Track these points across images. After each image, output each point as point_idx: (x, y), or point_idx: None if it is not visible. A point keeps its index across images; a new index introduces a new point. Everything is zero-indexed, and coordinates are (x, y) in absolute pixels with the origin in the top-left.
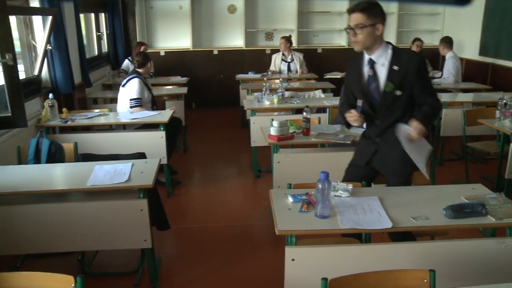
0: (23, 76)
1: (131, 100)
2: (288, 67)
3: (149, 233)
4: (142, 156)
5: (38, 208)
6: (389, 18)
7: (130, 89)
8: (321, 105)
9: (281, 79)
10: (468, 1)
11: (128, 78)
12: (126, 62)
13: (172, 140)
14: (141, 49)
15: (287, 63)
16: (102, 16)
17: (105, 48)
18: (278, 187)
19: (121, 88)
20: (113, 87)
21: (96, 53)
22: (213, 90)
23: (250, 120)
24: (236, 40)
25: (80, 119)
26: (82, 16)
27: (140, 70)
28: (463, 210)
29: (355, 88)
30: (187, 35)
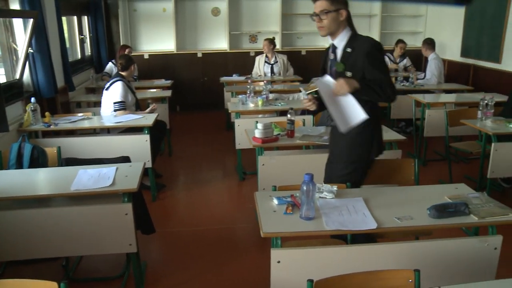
0: (4, 80)
1: (114, 103)
2: (271, 69)
3: (134, 237)
4: (126, 160)
5: (21, 214)
6: (372, 20)
7: (113, 92)
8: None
9: (265, 81)
10: (469, 1)
11: (111, 81)
12: (110, 65)
13: (157, 143)
14: (125, 52)
15: (270, 65)
16: (85, 19)
17: (88, 51)
18: (263, 189)
19: (105, 91)
20: (97, 91)
21: (79, 56)
22: (197, 93)
23: (234, 123)
24: (220, 43)
25: (63, 123)
26: (64, 19)
27: (123, 73)
28: (446, 209)
29: (322, 74)
30: (171, 38)
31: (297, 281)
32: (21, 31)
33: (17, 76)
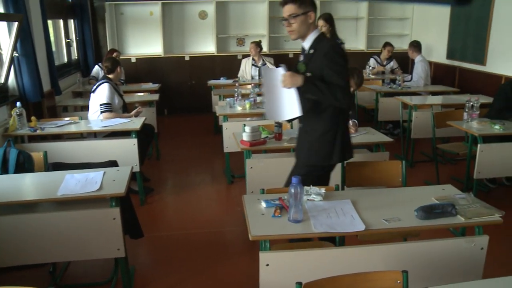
0: None
1: (100, 105)
2: (259, 72)
3: (122, 242)
4: (114, 164)
5: (7, 220)
6: (359, 23)
7: (100, 94)
8: None
9: (253, 84)
10: (469, 0)
11: (98, 84)
12: (96, 68)
13: (144, 147)
14: (112, 55)
15: (257, 68)
16: (71, 23)
17: (75, 55)
18: (252, 192)
19: (92, 94)
20: (84, 95)
21: (65, 60)
22: (185, 96)
23: (222, 126)
24: (207, 46)
25: (50, 127)
26: (50, 22)
27: (110, 76)
28: (433, 211)
29: None
30: (158, 41)
31: (286, 284)
32: (6, 34)
33: (1, 80)
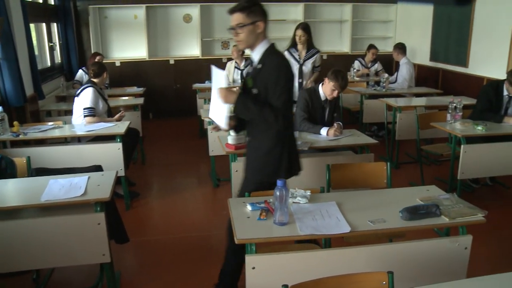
0: None
1: (84, 109)
2: (241, 75)
3: (107, 247)
4: (98, 168)
5: None
6: (343, 26)
7: (83, 98)
8: None
9: (237, 88)
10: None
11: (82, 88)
12: (80, 72)
13: (129, 151)
14: (96, 59)
15: (240, 71)
16: (54, 26)
17: (58, 59)
18: (237, 195)
19: (76, 98)
20: (68, 99)
21: (48, 64)
22: (170, 100)
23: (207, 130)
24: (192, 49)
25: (33, 132)
26: (32, 26)
27: (95, 80)
28: (418, 211)
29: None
30: (143, 45)
31: (273, 286)
32: None
33: None
